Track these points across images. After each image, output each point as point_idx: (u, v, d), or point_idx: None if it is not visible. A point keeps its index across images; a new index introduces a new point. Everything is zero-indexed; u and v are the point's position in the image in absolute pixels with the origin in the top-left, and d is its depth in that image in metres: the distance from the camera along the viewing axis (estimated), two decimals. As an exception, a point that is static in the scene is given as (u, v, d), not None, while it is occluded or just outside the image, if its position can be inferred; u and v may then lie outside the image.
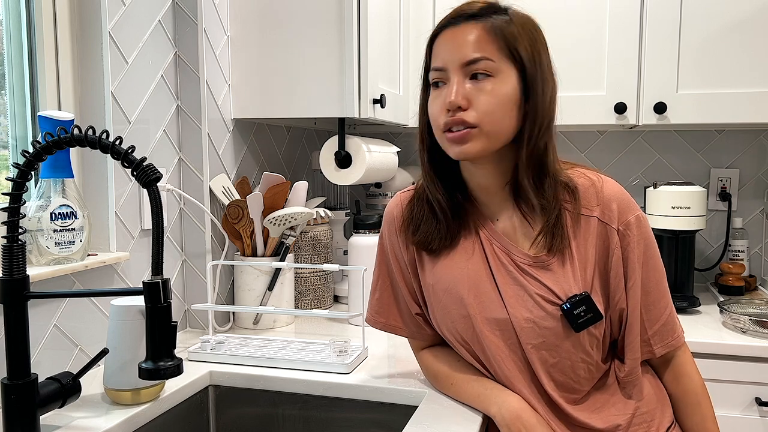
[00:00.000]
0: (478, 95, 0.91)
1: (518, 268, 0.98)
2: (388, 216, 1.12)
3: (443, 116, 0.93)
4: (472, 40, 0.92)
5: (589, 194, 0.97)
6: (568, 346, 0.96)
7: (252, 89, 1.58)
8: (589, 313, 0.94)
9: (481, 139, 0.92)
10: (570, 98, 1.82)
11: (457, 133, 0.92)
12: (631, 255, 0.96)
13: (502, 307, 0.98)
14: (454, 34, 0.93)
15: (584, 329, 0.95)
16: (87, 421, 1.00)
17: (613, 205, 0.96)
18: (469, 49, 0.91)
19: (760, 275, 2.04)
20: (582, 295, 0.94)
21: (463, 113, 0.92)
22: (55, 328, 1.15)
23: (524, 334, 0.97)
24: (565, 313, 0.94)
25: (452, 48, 0.93)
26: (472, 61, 0.91)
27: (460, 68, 0.92)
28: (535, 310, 0.96)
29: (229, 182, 1.57)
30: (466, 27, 0.93)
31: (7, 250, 0.90)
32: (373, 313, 1.15)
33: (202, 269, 1.52)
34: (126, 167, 0.86)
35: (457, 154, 0.94)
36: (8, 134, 1.21)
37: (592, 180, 0.99)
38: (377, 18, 1.58)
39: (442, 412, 1.04)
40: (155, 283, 0.83)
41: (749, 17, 1.70)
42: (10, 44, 1.20)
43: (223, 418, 1.26)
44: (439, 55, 0.94)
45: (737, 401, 1.52)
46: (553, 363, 0.97)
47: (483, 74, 0.91)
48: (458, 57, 0.92)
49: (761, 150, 2.03)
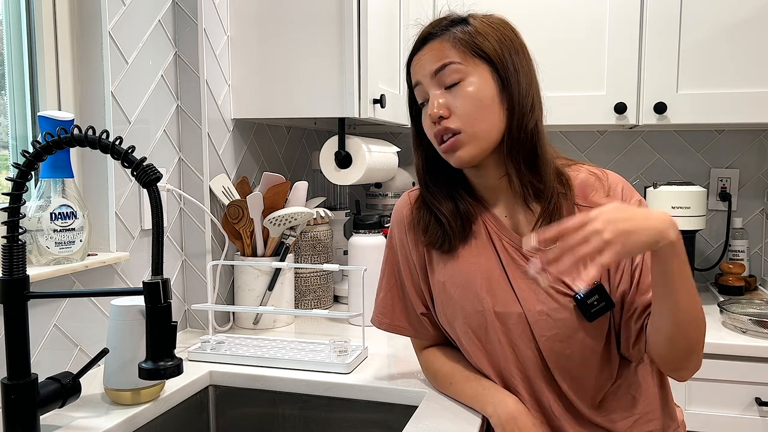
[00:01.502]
0: (454, 101, 0.95)
1: (528, 261, 0.98)
2: (397, 215, 1.13)
3: (432, 129, 0.98)
4: (435, 52, 0.97)
5: (596, 188, 1.00)
6: (581, 336, 0.96)
7: (252, 89, 1.58)
8: (602, 302, 0.95)
9: (471, 143, 0.95)
10: (570, 98, 1.82)
11: (448, 142, 0.96)
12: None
13: (515, 300, 0.99)
14: (420, 54, 1.00)
15: (597, 318, 0.95)
16: (87, 421, 1.00)
17: (618, 194, 1.00)
18: (434, 60, 0.97)
19: (760, 275, 2.04)
20: (596, 285, 0.95)
21: (446, 121, 0.96)
22: (55, 328, 1.15)
23: (538, 327, 0.97)
24: (578, 303, 0.95)
25: (421, 65, 0.99)
26: (439, 69, 0.96)
27: (431, 79, 0.97)
28: (548, 301, 0.96)
29: (229, 182, 1.57)
30: (430, 44, 0.98)
31: (7, 250, 0.90)
32: (377, 313, 1.16)
33: (202, 269, 1.52)
34: (126, 167, 0.86)
35: (455, 162, 0.98)
36: (8, 134, 1.21)
37: (597, 176, 1.02)
38: (377, 18, 1.58)
39: (442, 412, 1.04)
40: (155, 283, 0.83)
41: (749, 17, 1.70)
42: (10, 44, 1.20)
43: (223, 418, 1.26)
44: (414, 75, 1.01)
45: (737, 401, 1.52)
46: (568, 355, 0.97)
47: (455, 81, 0.95)
48: (427, 70, 0.97)
49: (761, 150, 2.03)
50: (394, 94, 1.72)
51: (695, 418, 1.53)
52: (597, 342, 0.97)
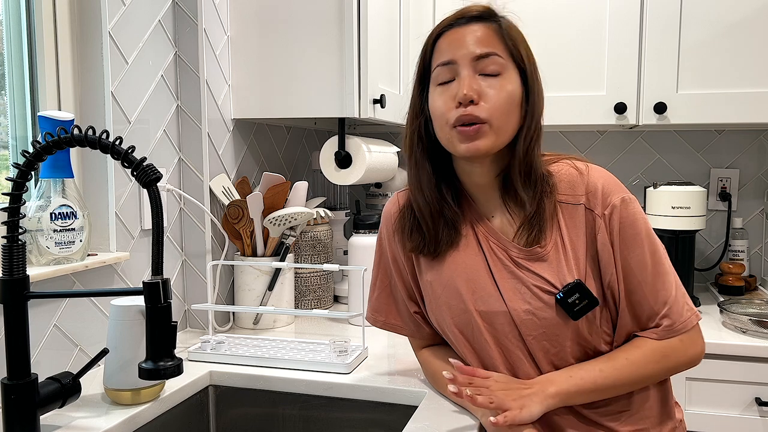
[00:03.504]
0: (488, 91, 0.93)
1: (514, 262, 0.99)
2: (386, 215, 1.13)
3: (453, 111, 0.94)
4: (482, 37, 0.94)
5: (576, 183, 0.98)
6: (568, 334, 0.96)
7: (252, 89, 1.58)
8: (584, 300, 0.94)
9: (491, 135, 0.94)
10: (570, 98, 1.82)
11: (471, 127, 0.93)
12: (617, 238, 0.95)
13: (500, 300, 0.99)
14: (461, 32, 0.95)
15: (582, 316, 0.95)
16: (87, 421, 1.00)
17: (598, 191, 0.97)
18: (480, 44, 0.94)
19: (760, 275, 2.04)
20: (574, 283, 0.95)
21: (475, 107, 0.93)
22: (55, 328, 1.15)
23: (525, 326, 0.97)
24: (559, 302, 0.95)
25: (461, 43, 0.94)
26: (484, 56, 0.93)
27: (470, 62, 0.94)
28: (533, 301, 0.96)
29: (229, 182, 1.57)
30: (473, 26, 0.95)
31: (7, 250, 0.90)
32: (372, 312, 1.16)
33: (202, 269, 1.52)
34: (126, 167, 0.86)
35: (468, 149, 0.94)
36: (8, 134, 1.21)
37: (579, 169, 0.99)
38: (377, 18, 1.58)
39: (442, 412, 1.04)
40: (155, 283, 0.83)
41: (749, 17, 1.70)
42: (10, 44, 1.20)
43: (223, 418, 1.26)
44: (447, 50, 0.96)
45: (737, 401, 1.52)
46: (555, 353, 0.97)
47: (494, 73, 0.94)
48: (469, 51, 0.93)
49: (761, 150, 2.03)
50: (394, 94, 1.72)
51: (695, 418, 1.53)
52: (587, 340, 0.97)
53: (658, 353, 0.96)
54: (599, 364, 0.96)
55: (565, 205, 0.98)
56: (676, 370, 0.98)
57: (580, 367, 0.97)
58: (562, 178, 0.99)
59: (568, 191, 0.98)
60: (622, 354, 0.97)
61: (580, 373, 0.95)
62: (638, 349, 0.96)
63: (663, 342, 0.96)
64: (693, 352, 0.98)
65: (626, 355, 0.96)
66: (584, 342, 0.97)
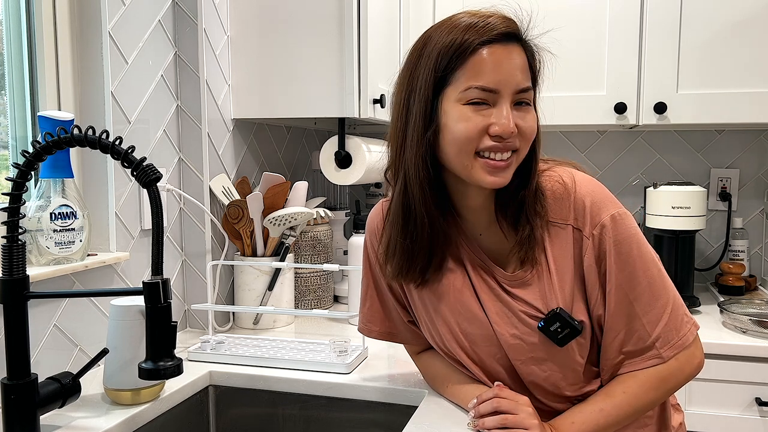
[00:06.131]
0: (522, 124, 0.88)
1: (500, 286, 0.97)
2: (370, 226, 1.09)
3: (485, 140, 0.86)
4: (522, 66, 0.88)
5: (563, 203, 0.93)
6: (558, 358, 0.94)
7: (252, 89, 1.58)
8: (566, 329, 0.92)
9: (514, 166, 0.90)
10: (570, 98, 1.82)
11: (504, 162, 0.88)
12: (608, 258, 0.91)
13: (487, 325, 0.97)
14: (503, 54, 0.86)
15: (567, 343, 0.93)
16: (87, 421, 1.00)
17: (586, 208, 0.92)
18: (523, 75, 0.88)
19: (760, 275, 2.04)
20: (552, 312, 0.92)
21: (514, 141, 0.87)
22: (55, 328, 1.15)
23: (512, 351, 0.96)
24: (542, 330, 0.93)
25: (506, 71, 0.86)
26: (524, 90, 0.88)
27: (513, 95, 0.87)
28: (520, 326, 0.94)
29: (229, 182, 1.57)
30: (513, 48, 0.88)
31: (7, 250, 0.90)
32: (366, 323, 1.13)
33: (202, 269, 1.52)
34: (126, 167, 0.86)
35: (494, 182, 0.88)
36: (8, 134, 1.21)
37: (565, 185, 0.94)
38: (377, 18, 1.58)
39: (442, 412, 1.04)
40: (155, 283, 0.83)
41: (749, 17, 1.70)
42: (10, 44, 1.20)
43: (223, 418, 1.26)
44: (490, 73, 0.85)
45: (737, 401, 1.52)
46: (544, 377, 0.96)
47: (527, 102, 0.89)
48: (515, 82, 0.86)
49: (761, 150, 2.03)
50: (394, 94, 1.72)
51: (695, 418, 1.53)
52: (578, 362, 0.95)
53: (655, 379, 0.92)
54: (599, 403, 0.94)
55: (552, 226, 0.93)
56: (677, 389, 0.95)
57: (581, 410, 0.94)
58: (548, 196, 0.94)
59: (556, 211, 0.93)
60: (619, 387, 0.93)
61: (581, 418, 0.93)
62: (634, 379, 0.93)
63: (659, 366, 0.92)
64: (690, 369, 0.94)
65: (623, 389, 0.93)
66: (576, 365, 0.95)
